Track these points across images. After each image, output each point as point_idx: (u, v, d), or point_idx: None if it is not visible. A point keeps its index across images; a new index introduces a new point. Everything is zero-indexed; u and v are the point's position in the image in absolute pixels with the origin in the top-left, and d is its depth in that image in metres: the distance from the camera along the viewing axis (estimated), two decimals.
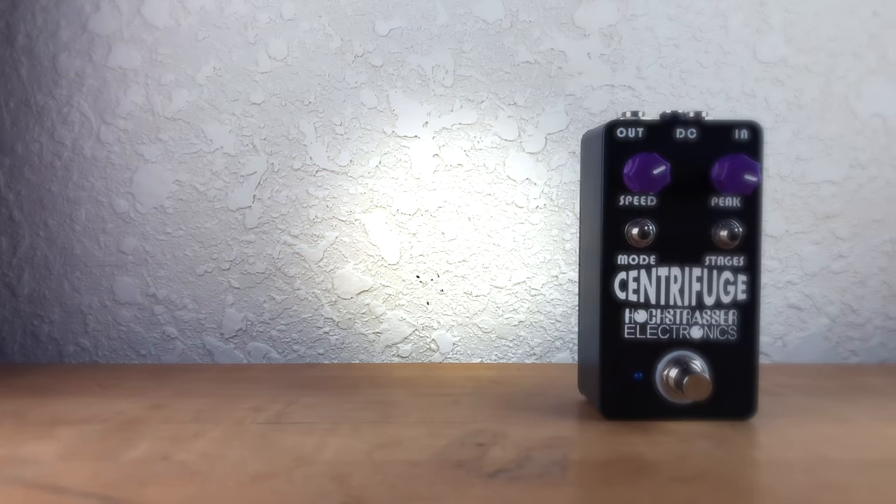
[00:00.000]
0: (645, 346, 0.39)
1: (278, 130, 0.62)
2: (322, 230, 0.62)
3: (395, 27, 0.61)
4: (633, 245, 0.38)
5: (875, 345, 0.63)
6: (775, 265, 0.63)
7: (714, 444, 0.35)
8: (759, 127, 0.38)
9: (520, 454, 0.33)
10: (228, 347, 0.62)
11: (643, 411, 0.39)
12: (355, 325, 0.62)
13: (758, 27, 0.62)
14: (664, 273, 0.39)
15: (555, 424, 0.38)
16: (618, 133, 0.38)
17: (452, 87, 0.62)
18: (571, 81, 0.62)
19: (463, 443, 0.35)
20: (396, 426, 0.38)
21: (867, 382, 0.49)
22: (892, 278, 0.63)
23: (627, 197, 0.39)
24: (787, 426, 0.38)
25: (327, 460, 0.32)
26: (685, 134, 0.38)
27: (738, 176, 0.37)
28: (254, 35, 0.61)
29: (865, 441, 0.35)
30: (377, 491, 0.28)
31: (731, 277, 0.39)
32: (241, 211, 0.62)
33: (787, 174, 0.62)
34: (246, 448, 0.34)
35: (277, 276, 0.62)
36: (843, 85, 0.62)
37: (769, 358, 0.63)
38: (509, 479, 0.30)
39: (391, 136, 0.62)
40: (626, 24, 0.62)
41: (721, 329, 0.39)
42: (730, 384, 0.39)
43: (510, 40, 0.62)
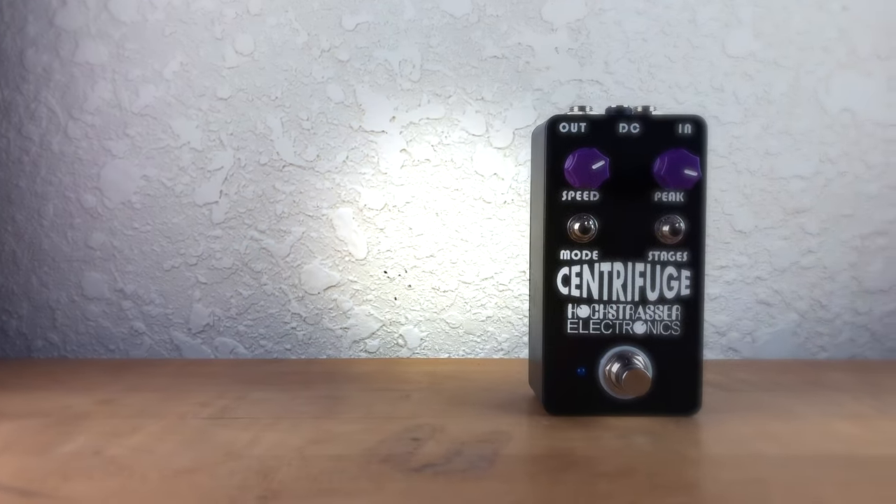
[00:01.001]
0: (588, 342, 0.39)
1: (245, 125, 0.62)
2: (289, 225, 0.62)
3: (361, 22, 0.61)
4: (576, 240, 0.38)
5: (844, 340, 0.63)
6: (744, 260, 0.62)
7: (651, 440, 0.34)
8: (702, 121, 0.38)
9: (451, 449, 0.33)
10: (196, 342, 0.63)
11: (586, 407, 0.39)
12: (322, 320, 0.62)
13: (727, 21, 0.62)
14: (607, 268, 0.39)
15: (497, 419, 0.38)
16: (560, 128, 0.38)
17: (420, 81, 0.62)
18: (539, 76, 0.62)
19: (399, 438, 0.35)
20: (337, 421, 0.38)
21: (827, 378, 0.49)
22: (861, 274, 0.63)
23: (570, 192, 0.38)
24: (731, 422, 0.38)
25: (257, 455, 0.32)
26: (628, 129, 0.38)
27: (678, 171, 0.37)
28: (220, 30, 0.61)
29: (806, 437, 0.35)
30: (298, 485, 0.28)
31: (674, 273, 0.39)
32: (208, 206, 0.62)
33: (757, 169, 0.62)
34: (179, 443, 0.34)
35: (244, 271, 0.62)
36: (812, 79, 0.62)
37: (738, 354, 0.63)
38: (433, 474, 0.30)
39: (358, 131, 0.62)
40: (593, 19, 0.61)
41: (664, 324, 0.39)
42: (674, 380, 0.39)
43: (477, 35, 0.61)
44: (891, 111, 0.62)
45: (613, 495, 0.27)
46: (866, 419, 0.39)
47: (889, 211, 0.62)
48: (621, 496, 0.27)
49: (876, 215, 0.62)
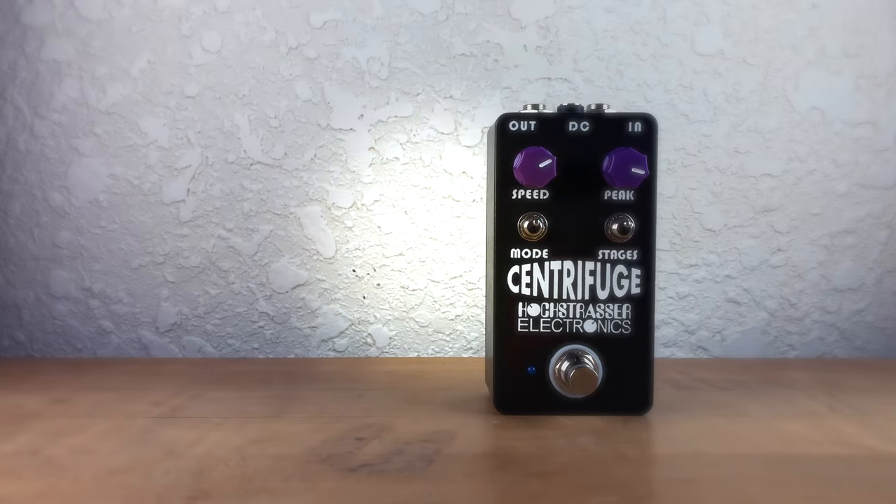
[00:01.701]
0: (538, 340, 0.39)
1: (212, 123, 0.62)
2: (256, 224, 0.62)
3: (329, 19, 0.61)
4: (526, 239, 0.38)
5: (813, 339, 0.63)
6: (714, 259, 0.62)
7: (594, 440, 0.34)
8: (653, 119, 0.38)
9: (393, 449, 0.33)
10: (163, 341, 0.62)
11: (537, 406, 0.39)
12: (290, 319, 0.62)
13: (696, 20, 0.61)
14: (557, 267, 0.39)
15: (447, 419, 0.38)
16: (510, 126, 0.38)
17: (388, 79, 0.61)
18: (508, 74, 0.62)
19: (343, 438, 0.34)
20: (286, 421, 0.38)
21: (788, 377, 0.49)
22: (830, 272, 0.62)
23: (519, 191, 0.38)
24: (679, 421, 0.38)
25: (197, 454, 0.32)
26: (578, 127, 0.38)
27: (625, 169, 0.36)
28: (188, 28, 0.61)
29: (750, 436, 0.35)
30: (229, 485, 0.28)
31: (624, 271, 0.39)
32: (176, 204, 0.62)
33: (726, 167, 0.62)
34: (121, 442, 0.34)
35: (212, 269, 0.62)
36: (781, 78, 0.62)
37: (708, 352, 0.63)
38: (368, 474, 0.30)
39: (326, 129, 0.62)
40: (562, 17, 0.61)
41: (615, 323, 0.39)
42: (624, 379, 0.39)
43: (446, 32, 0.61)
44: (859, 109, 0.62)
45: (542, 495, 0.27)
46: (816, 418, 0.38)
47: (858, 209, 0.62)
48: (549, 496, 0.27)
49: (845, 214, 0.62)
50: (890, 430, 0.36)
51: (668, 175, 0.62)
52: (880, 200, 0.62)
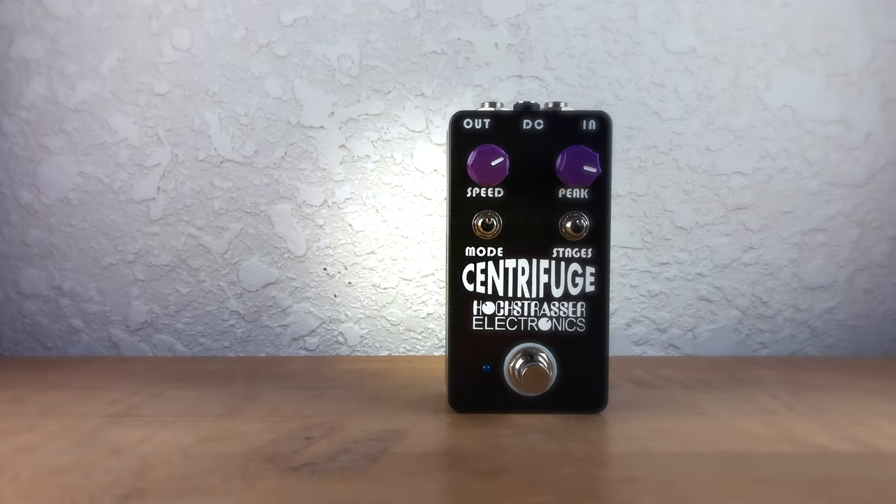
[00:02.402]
0: (493, 338, 0.39)
1: (182, 121, 0.61)
2: (227, 222, 0.62)
3: (299, 17, 0.61)
4: (480, 237, 0.38)
5: (785, 337, 0.63)
6: (685, 257, 0.62)
7: (544, 438, 0.34)
8: (607, 117, 0.38)
9: (340, 448, 0.33)
10: (134, 340, 0.62)
11: (492, 404, 0.39)
12: (261, 317, 0.62)
13: (667, 17, 0.61)
14: (511, 265, 0.38)
15: (401, 418, 0.38)
16: (464, 124, 0.38)
17: (359, 77, 0.61)
18: (479, 72, 0.61)
19: (292, 437, 0.34)
20: (239, 420, 0.37)
21: (753, 375, 0.49)
22: (802, 270, 0.62)
23: (474, 188, 0.38)
24: (634, 420, 0.38)
25: (142, 453, 0.32)
26: (532, 125, 0.38)
27: (577, 167, 0.36)
28: (157, 25, 0.61)
29: (703, 435, 0.35)
30: (167, 484, 0.28)
31: (578, 269, 0.38)
32: (146, 202, 0.62)
33: (697, 165, 0.62)
34: (69, 442, 0.34)
35: (182, 268, 0.62)
36: (752, 75, 0.62)
37: (679, 350, 0.63)
38: (310, 473, 0.29)
39: (296, 127, 0.61)
40: (533, 14, 0.61)
41: (570, 321, 0.39)
42: (579, 377, 0.38)
43: (417, 30, 0.61)
44: (830, 107, 0.62)
45: (481, 494, 0.27)
46: (772, 416, 0.38)
47: (829, 207, 0.62)
48: (488, 495, 0.27)
49: (816, 212, 0.62)
50: (843, 429, 0.36)
51: (640, 173, 0.62)
52: (851, 198, 0.62)
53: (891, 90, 0.62)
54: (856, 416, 0.38)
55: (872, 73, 0.62)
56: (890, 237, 0.62)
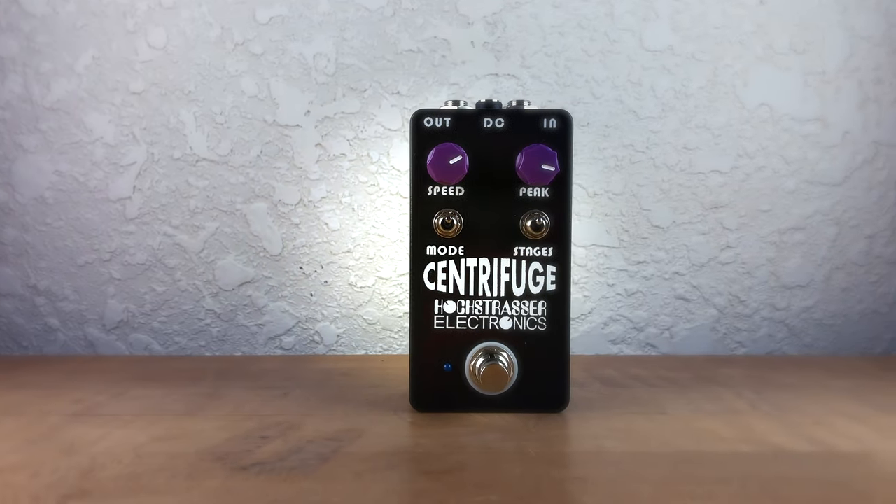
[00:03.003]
0: (454, 337, 0.38)
1: (158, 120, 0.61)
2: (202, 221, 0.62)
3: (275, 15, 0.61)
4: (441, 235, 0.38)
5: (762, 336, 0.63)
6: (662, 256, 0.62)
7: (501, 437, 0.34)
8: (568, 116, 0.38)
9: (293, 447, 0.32)
10: (110, 339, 0.62)
11: (453, 403, 0.39)
12: (237, 316, 0.62)
13: (644, 15, 0.61)
14: (473, 264, 0.38)
15: (361, 417, 0.38)
16: (424, 122, 0.38)
17: (335, 75, 0.61)
18: (455, 70, 0.61)
19: (248, 436, 0.34)
20: (197, 419, 0.37)
21: (723, 374, 0.49)
22: (779, 269, 0.62)
23: (435, 187, 0.38)
24: (595, 419, 0.37)
25: (94, 453, 0.32)
26: (493, 123, 0.38)
27: (535, 166, 0.36)
28: (133, 23, 0.61)
29: (661, 434, 0.35)
30: (112, 484, 0.28)
31: (540, 268, 0.38)
32: (122, 201, 0.61)
33: (675, 164, 0.62)
34: (23, 441, 0.34)
35: (158, 267, 0.62)
36: (730, 73, 0.61)
37: (656, 349, 0.63)
38: (258, 473, 0.29)
39: (272, 125, 0.61)
40: (510, 12, 0.61)
41: (531, 320, 0.38)
42: (540, 376, 0.38)
43: (393, 28, 0.61)
44: (808, 106, 0.61)
45: (424, 493, 0.27)
46: (734, 415, 0.38)
47: (806, 206, 0.62)
48: (432, 494, 0.27)
49: (794, 210, 0.62)
50: (803, 428, 0.36)
51: (616, 172, 0.61)
52: (829, 197, 0.62)
53: (868, 88, 0.61)
54: (818, 416, 0.38)
55: (850, 71, 0.61)
56: (867, 236, 0.62)
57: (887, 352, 0.63)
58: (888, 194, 0.62)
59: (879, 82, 0.61)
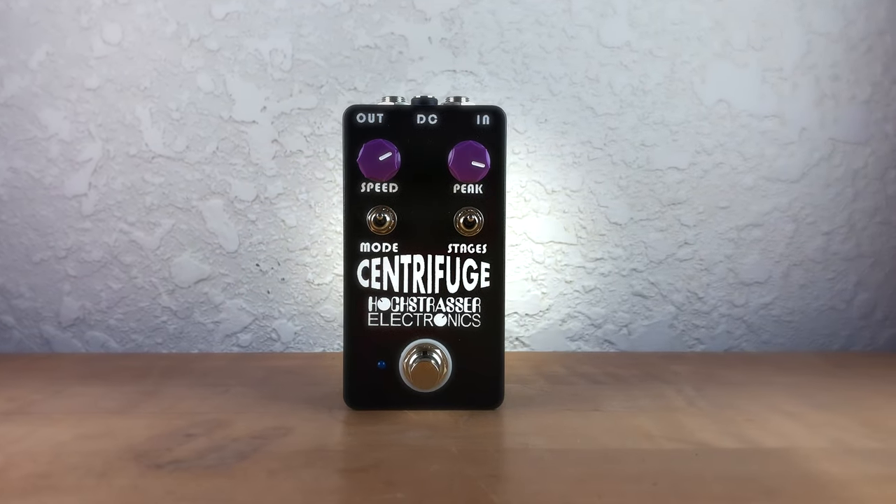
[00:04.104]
0: (388, 335, 0.38)
1: (114, 116, 0.61)
2: (158, 217, 0.61)
3: (231, 11, 0.60)
4: (375, 232, 0.38)
5: (721, 333, 0.63)
6: (620, 252, 0.62)
7: (427, 435, 0.34)
8: (501, 112, 0.38)
9: (216, 445, 0.32)
10: (66, 336, 0.62)
11: (387, 401, 0.38)
12: (194, 314, 0.62)
13: (602, 11, 0.61)
14: (407, 260, 0.38)
15: (294, 415, 0.38)
16: (357, 119, 0.38)
17: (291, 71, 0.61)
18: (412, 66, 0.61)
19: (174, 434, 0.34)
20: (129, 417, 0.37)
21: (670, 371, 0.48)
22: (737, 266, 0.62)
23: (368, 184, 0.38)
24: (528, 416, 0.37)
25: (11, 452, 0.32)
26: (426, 120, 0.37)
27: (465, 163, 0.36)
28: (87, 19, 0.60)
29: (590, 432, 0.35)
30: (20, 483, 0.28)
31: (473, 265, 0.38)
32: (77, 198, 0.61)
33: (632, 161, 0.62)
34: None
35: (114, 264, 0.61)
36: (688, 70, 0.61)
37: (614, 346, 0.62)
38: (171, 470, 0.29)
39: (228, 122, 0.61)
40: (467, 8, 0.61)
41: (465, 317, 0.38)
42: (475, 373, 0.38)
43: (349, 24, 0.61)
44: (765, 102, 0.61)
45: (333, 491, 0.27)
46: (669, 412, 0.38)
47: (765, 203, 0.62)
48: (339, 492, 0.27)
49: (752, 207, 0.62)
50: (733, 425, 0.36)
51: (574, 168, 0.61)
52: (787, 194, 0.62)
53: (825, 85, 0.61)
54: (753, 413, 0.38)
55: (807, 67, 0.61)
56: (824, 232, 0.62)
57: (844, 348, 0.63)
58: (845, 191, 0.62)
59: (836, 79, 0.61)
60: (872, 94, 0.62)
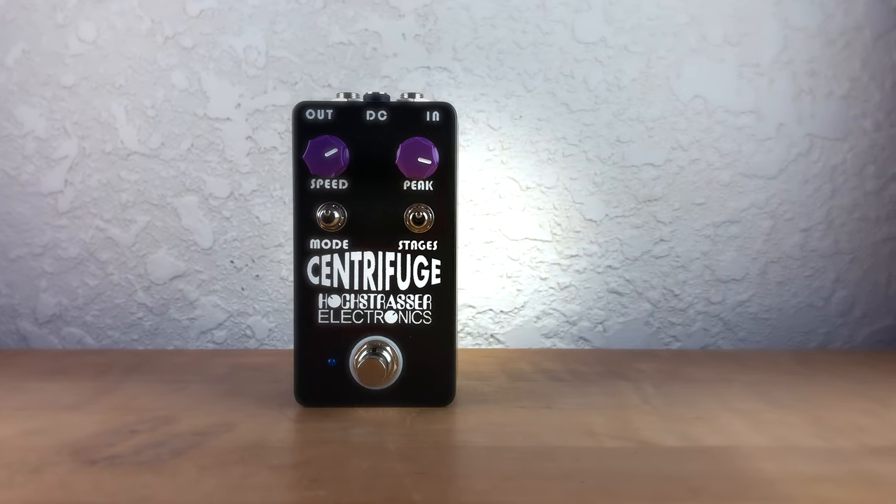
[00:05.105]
0: (339, 332, 0.38)
1: (89, 114, 0.61)
2: (134, 214, 0.62)
3: (206, 8, 0.61)
4: (324, 229, 0.38)
5: (697, 330, 0.62)
6: (595, 249, 0.62)
7: (370, 432, 0.34)
8: (451, 108, 0.37)
9: (156, 441, 0.32)
10: (43, 333, 0.62)
11: (339, 398, 0.38)
12: (169, 310, 0.62)
13: (577, 6, 0.61)
14: (357, 257, 0.38)
15: (243, 411, 0.38)
16: (306, 115, 0.38)
17: (265, 68, 0.61)
18: (387, 63, 0.61)
19: (119, 430, 0.34)
20: (79, 413, 0.37)
21: (634, 368, 0.48)
22: (714, 263, 0.62)
23: (318, 181, 0.38)
24: (478, 413, 0.37)
25: None
26: (375, 116, 0.37)
27: (412, 159, 0.36)
28: (63, 17, 0.61)
29: (535, 429, 0.35)
30: None
31: (424, 262, 0.38)
32: (54, 195, 0.61)
33: (608, 157, 0.61)
34: None
35: (90, 261, 0.62)
36: (663, 66, 0.61)
37: (589, 343, 0.62)
38: (104, 467, 0.29)
39: (203, 119, 0.61)
40: (441, 4, 0.61)
41: (416, 314, 0.38)
42: (426, 370, 0.38)
43: (324, 20, 0.61)
44: (742, 98, 0.61)
45: (257, 487, 0.27)
46: (621, 410, 0.38)
47: (741, 199, 0.61)
48: (263, 488, 0.27)
49: (728, 204, 0.62)
50: (681, 424, 0.36)
51: (549, 165, 0.61)
52: (764, 190, 0.61)
53: (802, 80, 0.61)
54: (705, 411, 0.38)
55: (784, 63, 0.61)
56: (802, 229, 0.62)
57: (822, 345, 0.62)
58: (823, 187, 0.61)
59: (814, 74, 0.61)
60: (850, 89, 0.61)
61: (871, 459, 0.31)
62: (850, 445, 0.32)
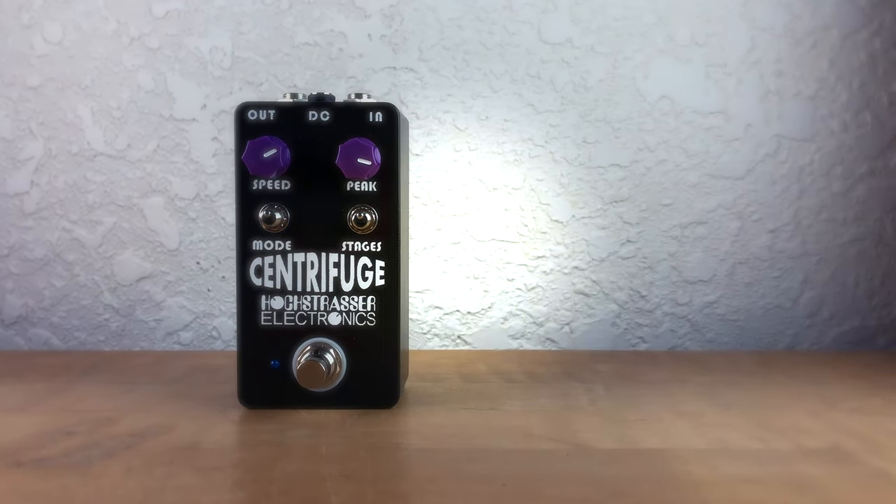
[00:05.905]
0: (282, 334, 0.38)
1: (55, 115, 0.61)
2: (100, 216, 0.61)
3: (171, 9, 0.61)
4: (266, 230, 0.38)
5: (664, 331, 0.62)
6: (562, 250, 0.61)
7: (306, 434, 0.34)
8: (394, 109, 0.37)
9: (90, 443, 0.32)
10: (9, 334, 0.62)
11: (282, 399, 0.38)
12: (135, 312, 0.62)
13: (543, 7, 0.61)
14: (300, 259, 0.38)
15: (185, 413, 0.38)
16: (249, 115, 0.37)
17: (231, 69, 0.61)
18: (353, 63, 0.61)
19: (55, 431, 0.34)
20: (21, 415, 0.37)
21: (591, 370, 0.48)
22: (681, 264, 0.62)
23: (260, 181, 0.38)
24: (420, 416, 0.37)
25: None
26: (318, 117, 0.37)
27: (352, 160, 0.36)
28: (28, 18, 0.61)
29: (472, 431, 0.34)
30: None
31: (368, 263, 0.38)
32: (19, 196, 0.61)
33: (574, 158, 0.61)
34: None
35: (57, 262, 0.62)
36: (630, 66, 0.61)
37: (556, 344, 0.62)
38: (31, 469, 0.29)
39: (169, 120, 0.61)
40: (407, 5, 0.60)
41: (360, 315, 0.38)
42: (370, 372, 0.38)
43: (289, 21, 0.61)
44: (709, 98, 0.61)
45: (178, 489, 0.27)
46: (565, 412, 0.38)
47: (709, 200, 0.61)
48: (184, 490, 0.26)
49: (696, 204, 0.61)
50: (622, 426, 0.35)
51: (515, 166, 0.61)
52: (731, 191, 0.61)
53: (769, 81, 0.61)
54: (649, 413, 0.38)
55: (751, 63, 0.61)
56: (770, 230, 0.61)
57: (790, 347, 0.62)
58: (791, 188, 0.61)
59: (781, 75, 0.61)
60: (818, 90, 0.61)
61: (804, 461, 0.30)
62: (787, 447, 0.32)
